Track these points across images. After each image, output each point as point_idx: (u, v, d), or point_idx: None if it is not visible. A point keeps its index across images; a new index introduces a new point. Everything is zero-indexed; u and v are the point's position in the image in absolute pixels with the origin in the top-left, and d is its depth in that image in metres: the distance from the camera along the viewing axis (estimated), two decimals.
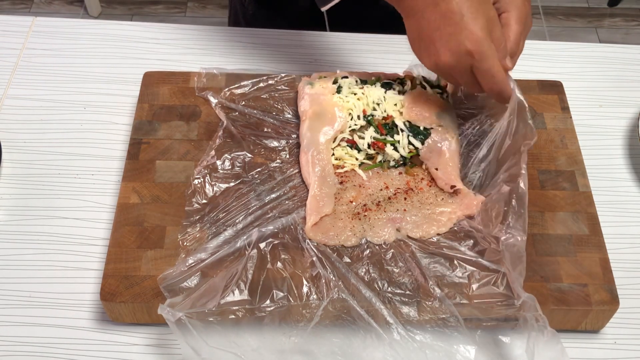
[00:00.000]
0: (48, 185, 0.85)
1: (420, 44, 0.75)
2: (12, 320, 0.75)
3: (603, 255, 0.76)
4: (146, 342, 0.74)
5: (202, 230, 0.76)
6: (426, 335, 0.70)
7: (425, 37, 0.74)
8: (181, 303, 0.68)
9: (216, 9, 2.55)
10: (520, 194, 0.75)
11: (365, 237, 0.76)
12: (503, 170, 0.78)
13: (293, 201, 0.79)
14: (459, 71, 0.74)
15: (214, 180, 0.80)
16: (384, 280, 0.73)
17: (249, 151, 0.83)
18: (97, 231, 0.81)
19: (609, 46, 1.05)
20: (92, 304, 0.76)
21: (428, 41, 0.74)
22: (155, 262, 0.74)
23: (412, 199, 0.79)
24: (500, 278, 0.73)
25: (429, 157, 0.81)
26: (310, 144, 0.81)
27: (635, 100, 0.98)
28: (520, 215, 0.74)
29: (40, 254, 0.80)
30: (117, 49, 1.01)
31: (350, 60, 0.84)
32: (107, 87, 0.96)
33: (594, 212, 0.80)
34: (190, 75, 0.91)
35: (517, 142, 0.79)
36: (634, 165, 0.91)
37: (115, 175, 0.86)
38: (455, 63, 0.73)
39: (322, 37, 1.04)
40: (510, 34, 0.76)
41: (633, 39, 2.52)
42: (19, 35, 1.02)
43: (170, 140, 0.84)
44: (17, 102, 0.94)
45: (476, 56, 0.72)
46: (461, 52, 0.72)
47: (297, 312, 0.70)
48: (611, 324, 0.76)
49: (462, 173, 0.82)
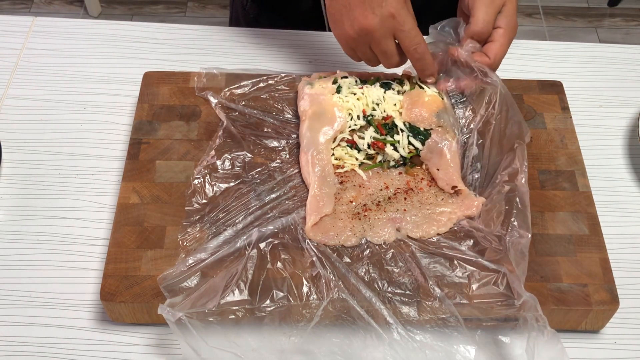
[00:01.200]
0: (48, 185, 0.86)
1: (342, 10, 0.80)
2: (12, 320, 0.75)
3: (603, 255, 0.76)
4: (146, 342, 0.74)
5: (202, 230, 0.76)
6: (426, 335, 0.70)
7: (347, 4, 0.79)
8: (181, 303, 0.68)
9: (216, 9, 2.55)
10: (522, 193, 0.75)
11: (365, 237, 0.76)
12: (501, 169, 0.78)
13: (293, 201, 0.79)
14: (378, 36, 0.79)
15: (214, 180, 0.80)
16: (384, 280, 0.73)
17: (249, 151, 0.83)
18: (97, 231, 0.81)
19: (609, 46, 1.05)
20: (92, 304, 0.76)
21: (350, 7, 0.79)
22: (155, 262, 0.74)
23: (412, 199, 0.79)
24: (500, 278, 0.73)
25: (430, 157, 0.81)
26: (310, 144, 0.81)
27: (635, 100, 0.98)
28: (523, 214, 0.74)
29: (40, 254, 0.80)
30: (117, 49, 1.01)
31: (350, 60, 0.84)
32: (107, 87, 0.96)
33: (594, 212, 0.80)
34: (190, 75, 0.91)
35: (510, 140, 0.79)
36: (634, 165, 0.91)
37: (115, 175, 0.86)
38: (378, 26, 0.78)
39: (322, 37, 1.04)
40: (496, 50, 0.82)
41: (633, 39, 2.52)
42: (19, 35, 1.02)
43: (170, 140, 0.84)
44: (17, 102, 0.94)
45: (398, 18, 0.78)
46: (384, 15, 0.77)
47: (297, 312, 0.70)
48: (611, 324, 0.76)
49: (462, 173, 0.82)
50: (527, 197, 0.75)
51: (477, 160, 0.82)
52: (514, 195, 0.76)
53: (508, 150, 0.79)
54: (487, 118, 0.83)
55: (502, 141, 0.81)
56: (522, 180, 0.76)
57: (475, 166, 0.82)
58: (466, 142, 0.84)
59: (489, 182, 0.80)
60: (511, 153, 0.78)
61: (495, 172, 0.79)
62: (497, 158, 0.80)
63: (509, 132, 0.80)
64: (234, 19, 1.22)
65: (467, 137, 0.85)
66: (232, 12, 1.23)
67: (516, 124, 0.80)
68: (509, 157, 0.78)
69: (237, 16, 1.20)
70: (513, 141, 0.79)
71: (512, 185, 0.76)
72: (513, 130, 0.80)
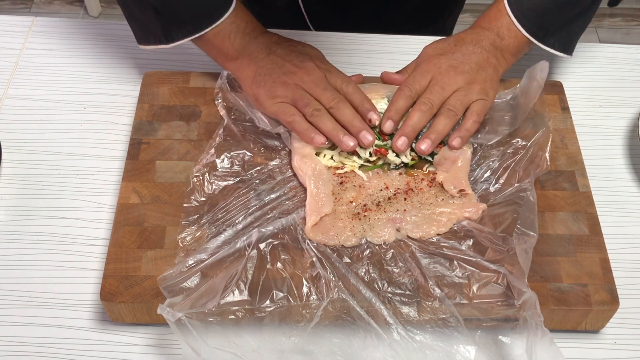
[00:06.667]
0: (48, 185, 0.85)
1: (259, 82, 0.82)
2: (12, 320, 0.75)
3: (603, 256, 0.76)
4: (146, 342, 0.74)
5: (202, 229, 0.76)
6: (426, 335, 0.70)
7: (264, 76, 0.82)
8: (181, 303, 0.68)
9: None
10: (530, 203, 0.76)
11: (365, 237, 0.76)
12: (511, 186, 0.80)
13: (293, 201, 0.79)
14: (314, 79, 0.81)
15: (213, 178, 0.80)
16: (384, 281, 0.73)
17: (248, 150, 0.83)
18: (97, 231, 0.81)
19: (609, 46, 1.05)
20: (92, 304, 0.76)
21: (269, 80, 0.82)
22: (155, 262, 0.74)
23: (412, 199, 0.79)
24: (500, 278, 0.73)
25: (442, 163, 0.81)
26: (296, 149, 0.81)
27: (635, 100, 0.98)
28: (530, 219, 0.75)
29: (40, 254, 0.80)
30: (117, 49, 1.01)
31: (341, 60, 0.84)
32: (107, 87, 0.96)
33: (594, 212, 0.80)
34: (190, 75, 0.91)
35: (528, 169, 0.80)
36: (634, 165, 0.91)
37: (115, 175, 0.86)
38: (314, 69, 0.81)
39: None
40: (464, 122, 0.80)
41: (633, 39, 2.52)
42: (19, 35, 1.02)
43: (170, 140, 0.84)
44: (17, 102, 0.94)
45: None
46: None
47: (297, 312, 0.70)
48: (611, 324, 0.76)
49: (471, 181, 0.82)
50: (535, 208, 0.75)
51: (492, 173, 0.82)
52: (521, 203, 0.77)
53: (524, 178, 0.80)
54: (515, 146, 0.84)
55: (523, 171, 0.81)
56: (529, 195, 0.77)
57: (485, 176, 0.82)
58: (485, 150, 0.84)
59: (495, 193, 0.80)
60: (525, 179, 0.80)
61: (503, 188, 0.80)
62: (511, 181, 0.81)
63: (532, 164, 0.81)
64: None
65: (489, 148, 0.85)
66: None
67: (542, 157, 0.81)
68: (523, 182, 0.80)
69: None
70: (531, 170, 0.80)
71: (520, 195, 0.77)
72: (535, 161, 0.81)
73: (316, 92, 0.80)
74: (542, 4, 0.82)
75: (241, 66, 0.84)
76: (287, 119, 0.80)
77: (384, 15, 1.15)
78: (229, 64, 0.85)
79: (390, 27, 1.07)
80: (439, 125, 0.79)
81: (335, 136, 0.79)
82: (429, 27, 1.19)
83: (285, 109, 0.80)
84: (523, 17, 0.82)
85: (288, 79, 0.81)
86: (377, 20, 1.15)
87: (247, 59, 0.83)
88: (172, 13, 0.81)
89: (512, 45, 0.84)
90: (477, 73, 0.82)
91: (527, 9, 0.82)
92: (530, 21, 0.83)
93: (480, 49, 0.83)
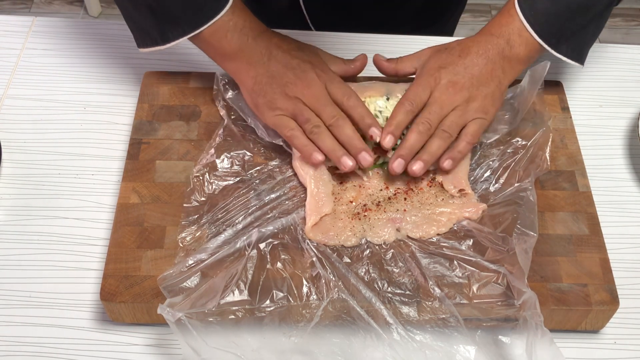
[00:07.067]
0: (48, 185, 0.86)
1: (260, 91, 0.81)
2: (12, 320, 0.75)
3: (603, 256, 0.76)
4: (146, 342, 0.74)
5: (202, 229, 0.76)
6: (426, 335, 0.70)
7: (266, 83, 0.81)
8: (181, 303, 0.68)
9: None
10: (530, 203, 0.76)
11: (365, 237, 0.76)
12: (511, 185, 0.80)
13: (293, 201, 0.79)
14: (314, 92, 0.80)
15: (213, 178, 0.80)
16: (384, 280, 0.73)
17: (248, 150, 0.83)
18: (97, 231, 0.81)
19: (609, 46, 1.05)
20: (92, 304, 0.76)
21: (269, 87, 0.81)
22: (155, 262, 0.74)
23: (412, 199, 0.79)
24: (500, 278, 0.73)
25: None
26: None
27: (635, 100, 0.98)
28: (530, 219, 0.75)
29: (40, 254, 0.80)
30: (117, 49, 1.01)
31: None
32: (107, 87, 0.96)
33: (594, 212, 0.80)
34: (190, 75, 0.91)
35: (528, 169, 0.80)
36: (634, 165, 0.91)
37: (115, 175, 0.86)
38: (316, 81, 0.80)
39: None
40: (457, 144, 0.80)
41: (633, 39, 2.52)
42: (19, 35, 1.02)
43: (170, 140, 0.84)
44: (17, 102, 0.94)
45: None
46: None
47: (297, 312, 0.70)
48: (611, 324, 0.76)
49: (471, 181, 0.82)
50: (535, 208, 0.75)
51: (492, 173, 0.82)
52: (521, 203, 0.77)
53: (524, 177, 0.80)
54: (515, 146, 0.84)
55: (523, 170, 0.81)
56: (529, 195, 0.77)
57: (484, 176, 0.82)
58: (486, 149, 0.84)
59: (495, 192, 0.80)
60: (525, 178, 0.80)
61: (503, 188, 0.80)
62: (511, 180, 0.81)
63: (532, 163, 0.81)
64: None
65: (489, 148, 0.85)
66: None
67: (542, 157, 0.81)
68: (523, 181, 0.80)
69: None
70: (531, 170, 0.80)
71: (520, 195, 0.77)
72: (536, 161, 0.81)
73: (317, 108, 0.79)
74: (555, 9, 0.80)
75: (240, 69, 0.83)
76: (287, 133, 0.79)
77: (385, 16, 1.15)
78: (228, 64, 0.84)
79: (391, 28, 1.07)
80: (433, 147, 0.79)
81: (334, 156, 0.78)
82: (430, 27, 1.19)
83: (286, 123, 0.80)
84: (536, 22, 0.80)
85: (288, 90, 0.80)
86: (378, 20, 1.15)
87: (246, 63, 0.82)
88: (166, 11, 0.81)
89: (522, 53, 0.82)
90: (478, 89, 0.80)
91: (540, 13, 0.80)
92: (543, 27, 0.81)
93: (485, 61, 0.81)
